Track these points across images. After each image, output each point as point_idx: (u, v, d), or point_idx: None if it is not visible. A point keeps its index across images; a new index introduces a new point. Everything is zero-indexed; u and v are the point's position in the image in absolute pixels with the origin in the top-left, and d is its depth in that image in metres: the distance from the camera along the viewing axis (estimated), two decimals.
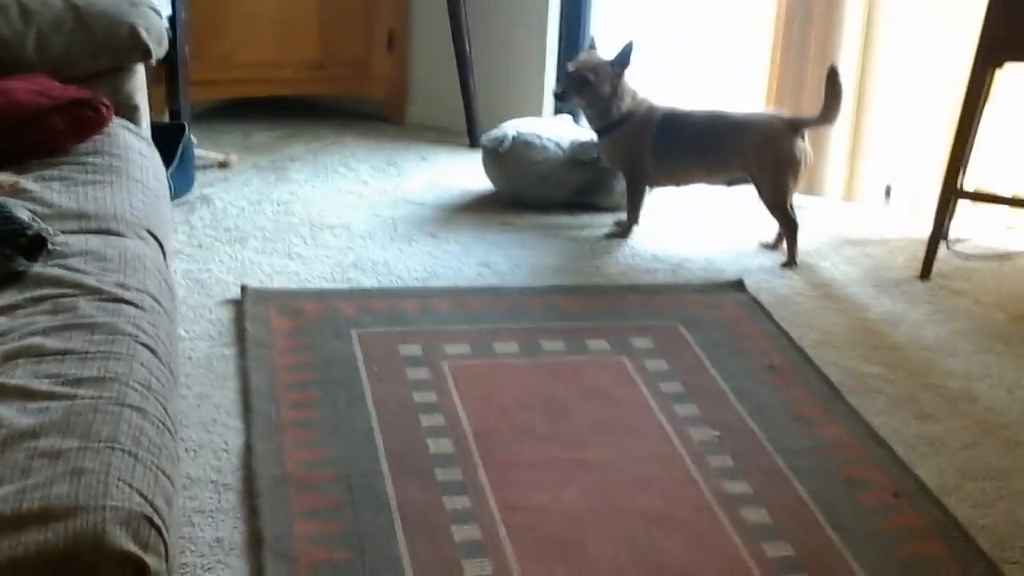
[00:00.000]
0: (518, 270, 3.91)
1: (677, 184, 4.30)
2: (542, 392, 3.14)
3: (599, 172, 4.41)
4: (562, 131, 4.55)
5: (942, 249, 4.09)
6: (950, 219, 4.11)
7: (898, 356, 3.46)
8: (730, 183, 4.24)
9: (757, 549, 2.56)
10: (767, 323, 3.62)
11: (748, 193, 4.22)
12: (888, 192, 4.63)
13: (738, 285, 3.87)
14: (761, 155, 4.04)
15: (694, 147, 4.15)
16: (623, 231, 4.25)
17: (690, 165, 4.19)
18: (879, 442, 2.99)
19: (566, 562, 2.49)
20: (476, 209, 4.41)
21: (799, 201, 4.19)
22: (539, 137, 4.45)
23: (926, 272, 4.02)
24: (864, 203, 4.65)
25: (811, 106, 4.26)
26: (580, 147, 4.42)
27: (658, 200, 4.49)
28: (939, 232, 4.00)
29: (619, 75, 4.11)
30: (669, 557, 2.52)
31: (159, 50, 3.41)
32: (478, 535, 2.56)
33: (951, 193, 3.94)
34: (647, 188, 4.27)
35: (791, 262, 4.07)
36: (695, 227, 4.37)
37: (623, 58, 4.10)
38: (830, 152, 4.56)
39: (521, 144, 4.42)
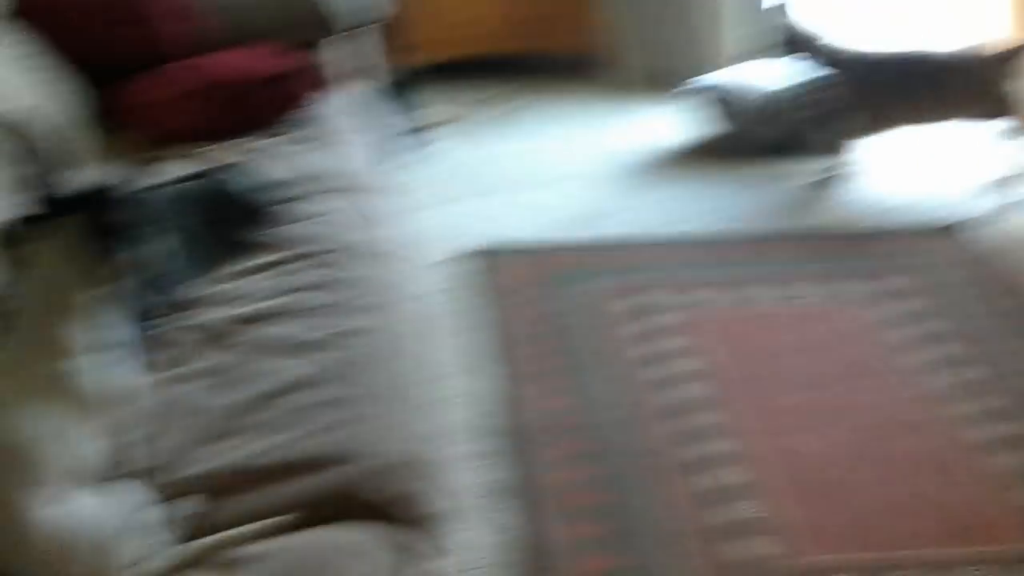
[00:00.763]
0: (730, 216, 3.83)
1: (894, 127, 4.12)
2: (794, 337, 3.08)
3: (817, 112, 4.27)
4: (770, 76, 4.44)
5: None
6: None
7: None
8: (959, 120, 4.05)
9: None
10: (1006, 262, 3.45)
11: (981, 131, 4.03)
12: None
13: (969, 225, 3.69)
14: (975, 95, 3.86)
15: (907, 90, 3.97)
16: (837, 174, 4.10)
17: (905, 108, 4.03)
18: None
19: (833, 506, 2.44)
20: (688, 158, 4.34)
21: None
22: (748, 82, 4.37)
23: None
24: None
25: None
26: (789, 90, 4.31)
27: (894, 142, 4.33)
28: None
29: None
30: (936, 499, 2.45)
31: (382, 12, 3.44)
32: (742, 479, 2.53)
33: None
34: (865, 133, 4.10)
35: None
36: (941, 169, 4.19)
37: None
38: None
39: (731, 89, 4.34)
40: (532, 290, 3.33)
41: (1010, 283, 3.35)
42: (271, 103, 3.02)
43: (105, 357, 1.67)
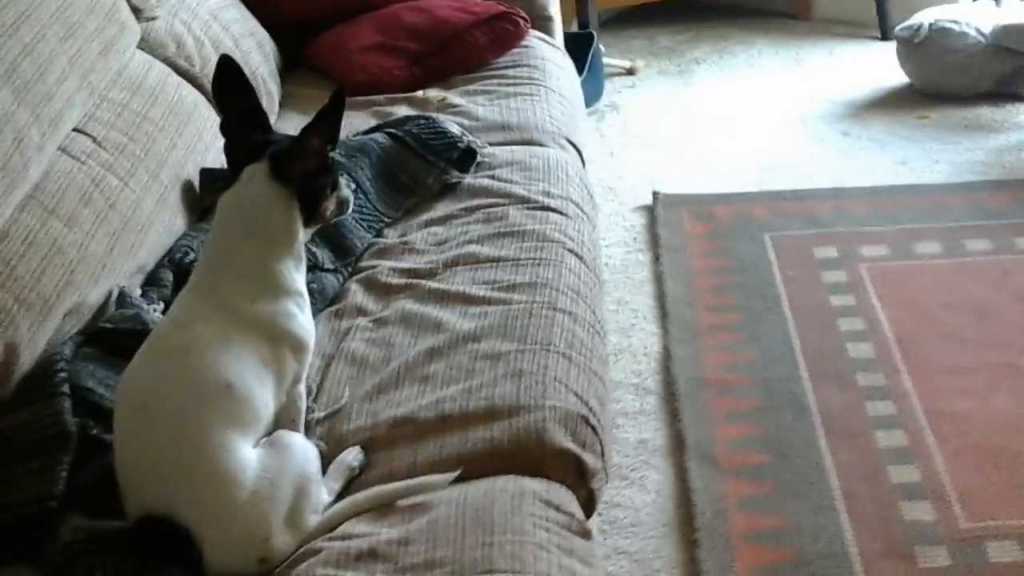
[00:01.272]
0: (937, 166, 3.73)
1: None
2: (967, 294, 3.01)
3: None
4: (982, 17, 4.27)
5: None
6: None
7: None
8: None
9: None
10: None
11: None
12: None
13: None
14: None
15: None
16: None
17: None
18: None
19: (999, 470, 2.40)
20: (890, 104, 4.23)
21: None
22: (958, 23, 4.19)
23: None
24: None
25: None
26: (1003, 31, 4.14)
27: None
28: None
29: None
30: None
31: None
32: (904, 442, 2.50)
33: None
34: None
35: None
36: None
37: None
38: None
39: (938, 32, 4.18)
40: (698, 244, 3.33)
41: None
42: (470, 49, 3.07)
43: (295, 303, 1.73)
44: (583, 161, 2.81)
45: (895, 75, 4.39)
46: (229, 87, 1.78)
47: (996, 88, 4.20)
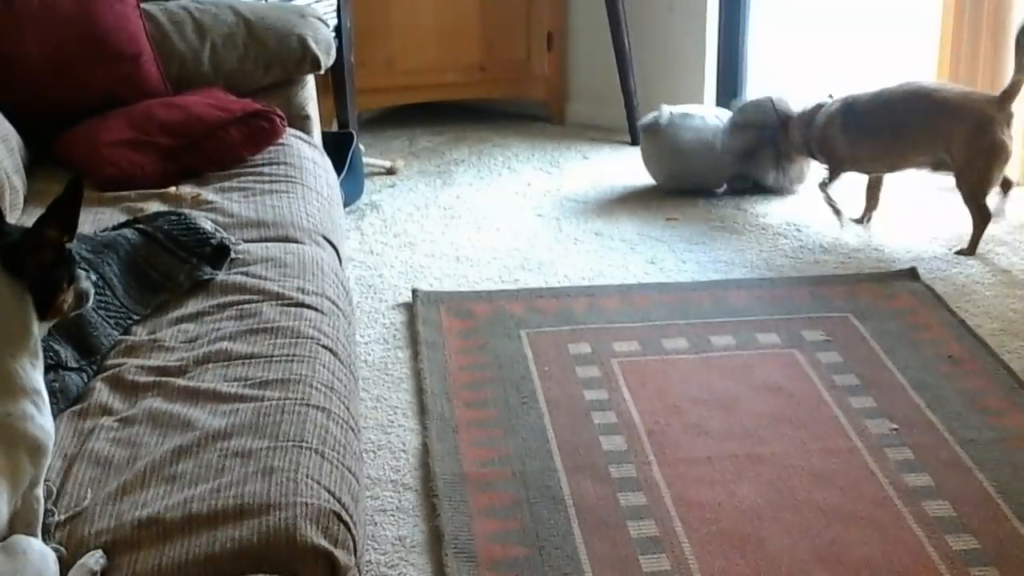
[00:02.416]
0: (684, 265, 3.89)
1: (870, 171, 4.16)
2: (713, 387, 3.12)
3: (761, 135, 4.35)
4: (718, 113, 4.55)
5: None
6: None
7: None
8: (934, 168, 4.06)
9: (941, 542, 2.50)
10: (943, 312, 3.52)
11: (916, 180, 4.15)
12: None
13: (911, 274, 3.78)
14: (971, 143, 3.81)
15: (888, 131, 3.99)
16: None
17: (883, 150, 4.05)
18: None
19: (745, 557, 2.48)
20: (640, 205, 4.40)
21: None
22: (696, 112, 4.49)
23: None
24: None
25: (986, 80, 4.14)
26: (741, 108, 4.41)
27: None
28: None
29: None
30: (850, 551, 2.49)
31: (328, 60, 3.51)
32: (655, 531, 2.56)
33: None
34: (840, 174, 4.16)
35: (971, 250, 3.91)
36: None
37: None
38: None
39: (680, 116, 4.44)
40: (456, 341, 3.36)
41: (955, 330, 3.41)
42: (226, 146, 3.06)
43: (32, 402, 1.67)
44: (340, 258, 2.81)
45: (645, 178, 4.58)
46: None
47: (737, 173, 4.41)
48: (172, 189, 2.88)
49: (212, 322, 2.30)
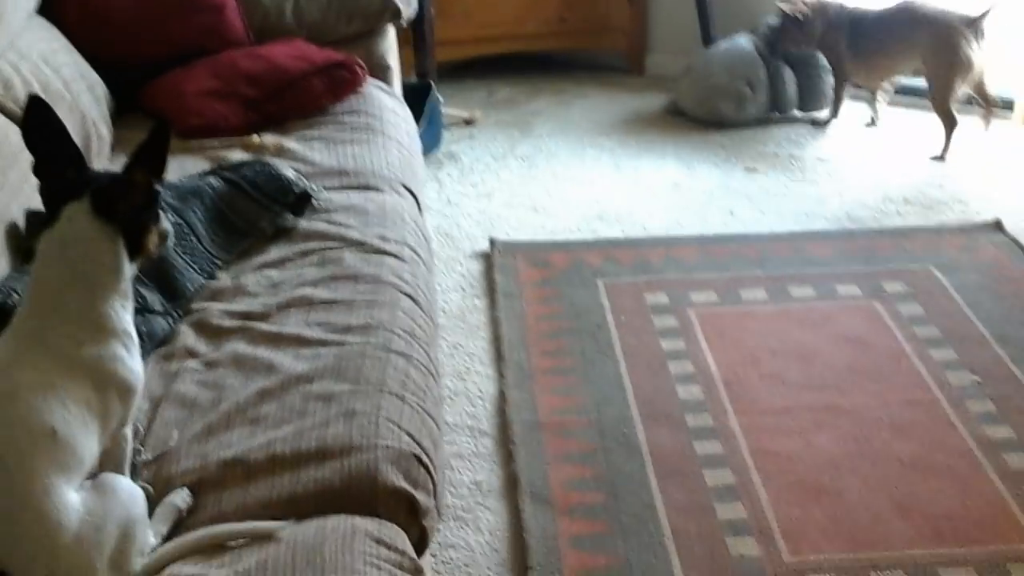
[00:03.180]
0: (763, 216, 3.87)
1: (871, 80, 4.53)
2: (792, 339, 3.11)
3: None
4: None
5: None
6: None
7: None
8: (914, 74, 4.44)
9: (1021, 494, 2.49)
10: None
11: (1003, 134, 4.08)
12: None
13: (996, 226, 3.72)
14: (938, 54, 4.16)
15: (880, 41, 4.36)
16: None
17: (878, 59, 4.41)
18: None
19: (822, 507, 2.48)
20: (719, 156, 4.37)
21: None
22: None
23: None
24: None
25: None
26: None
27: (907, 139, 4.38)
28: None
29: None
30: (929, 502, 2.48)
31: (408, 10, 3.51)
32: (731, 480, 2.57)
33: None
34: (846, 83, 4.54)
35: (942, 156, 4.25)
36: (949, 168, 4.22)
37: None
38: None
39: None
40: (533, 290, 3.37)
41: None
42: (308, 95, 3.08)
43: (123, 344, 1.70)
44: (420, 207, 2.83)
45: (723, 129, 4.54)
46: (39, 127, 1.74)
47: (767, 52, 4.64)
48: (255, 138, 2.91)
49: (294, 268, 2.33)
